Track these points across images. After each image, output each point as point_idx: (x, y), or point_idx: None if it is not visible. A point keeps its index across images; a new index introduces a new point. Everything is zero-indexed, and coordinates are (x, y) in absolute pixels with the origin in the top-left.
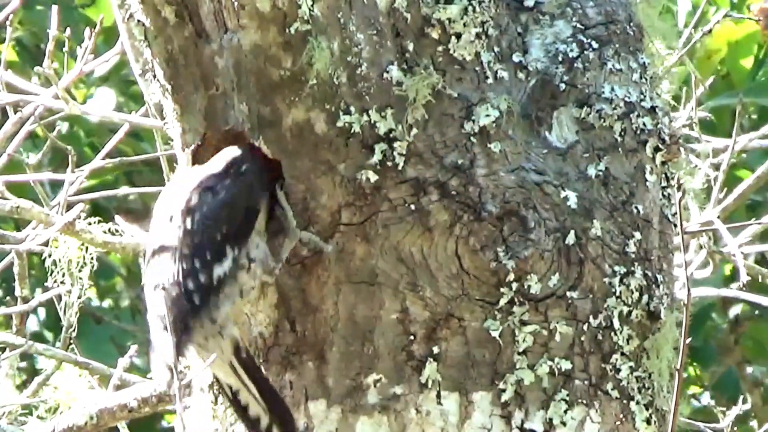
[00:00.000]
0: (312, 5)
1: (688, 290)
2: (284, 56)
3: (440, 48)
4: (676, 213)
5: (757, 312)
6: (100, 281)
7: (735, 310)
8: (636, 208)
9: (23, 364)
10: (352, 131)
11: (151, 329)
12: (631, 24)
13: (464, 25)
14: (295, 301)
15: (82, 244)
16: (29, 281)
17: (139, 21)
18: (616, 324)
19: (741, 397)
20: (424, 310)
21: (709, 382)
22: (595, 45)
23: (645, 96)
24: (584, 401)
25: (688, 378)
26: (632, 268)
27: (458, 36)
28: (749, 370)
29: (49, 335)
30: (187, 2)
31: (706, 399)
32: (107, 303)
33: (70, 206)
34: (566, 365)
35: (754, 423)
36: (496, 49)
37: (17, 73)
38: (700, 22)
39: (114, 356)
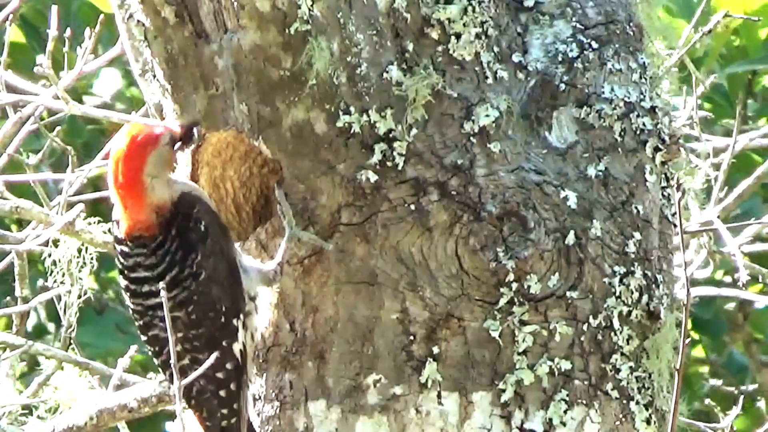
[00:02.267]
0: (312, 5)
1: (688, 290)
2: (284, 56)
3: (440, 48)
4: (676, 213)
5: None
6: (101, 273)
7: None
8: (636, 208)
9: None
10: (352, 131)
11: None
12: (631, 24)
13: (464, 25)
14: (295, 301)
15: (82, 244)
16: (28, 281)
17: (139, 21)
18: (616, 324)
19: (741, 397)
20: (424, 310)
21: (717, 363)
22: (595, 45)
23: (645, 96)
24: (584, 401)
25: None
26: (632, 268)
27: (458, 36)
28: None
29: (51, 327)
30: (187, 2)
31: (713, 381)
32: (108, 294)
33: (70, 206)
34: (566, 365)
35: (761, 404)
36: (496, 49)
37: (23, 55)
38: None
39: (119, 341)
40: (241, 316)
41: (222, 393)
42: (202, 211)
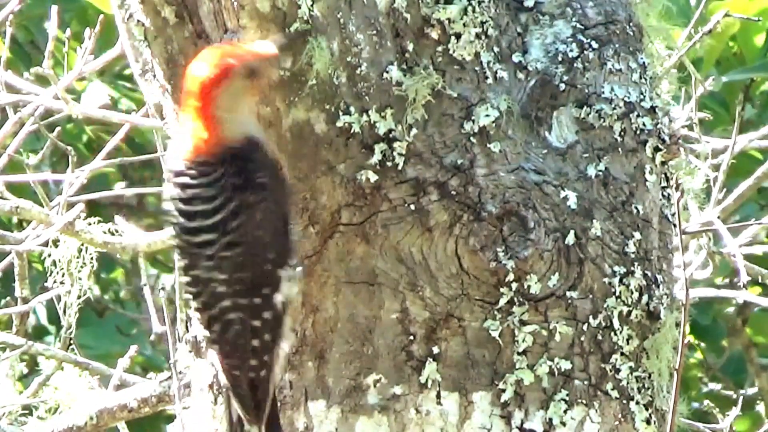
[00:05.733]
0: (312, 5)
1: (687, 290)
2: (284, 56)
3: (440, 48)
4: (675, 213)
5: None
6: (101, 274)
7: None
8: (636, 208)
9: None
10: (352, 131)
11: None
12: (631, 24)
13: (464, 25)
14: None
15: (82, 244)
16: (29, 280)
17: (139, 21)
18: (616, 324)
19: (741, 398)
20: (424, 310)
21: (716, 367)
22: (595, 45)
23: (645, 96)
24: (584, 401)
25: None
26: (632, 268)
27: (458, 36)
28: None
29: (51, 328)
30: (187, 2)
31: (712, 385)
32: (108, 296)
33: (70, 206)
34: (566, 365)
35: (760, 407)
36: (495, 49)
37: (10, 69)
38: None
39: (119, 343)
40: (287, 268)
41: (255, 342)
42: (265, 155)
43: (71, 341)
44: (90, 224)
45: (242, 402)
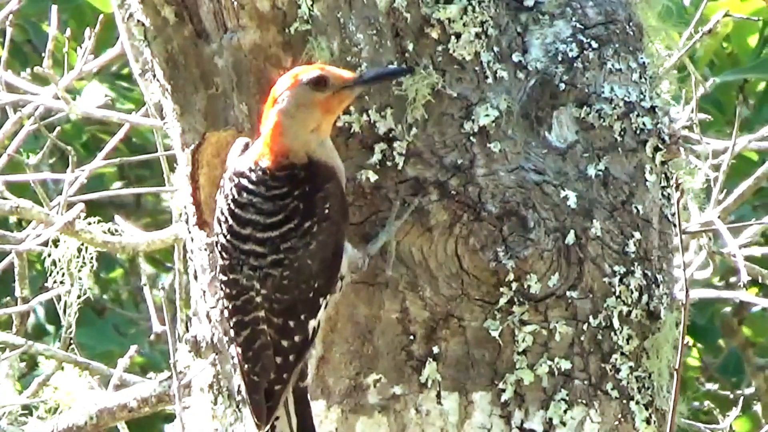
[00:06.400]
0: (312, 5)
1: (687, 290)
2: (284, 56)
3: (440, 48)
4: (675, 213)
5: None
6: (100, 273)
7: None
8: (636, 208)
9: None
10: (352, 131)
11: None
12: (631, 24)
13: (464, 24)
14: None
15: (82, 244)
16: (29, 280)
17: (138, 21)
18: (616, 324)
19: (741, 398)
20: (424, 310)
21: (712, 368)
22: (594, 45)
23: (645, 96)
24: (584, 401)
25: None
26: (632, 268)
27: (458, 36)
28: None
29: (51, 328)
30: (187, 2)
31: (709, 386)
32: (108, 295)
33: (70, 206)
34: (566, 365)
35: (757, 407)
36: (495, 48)
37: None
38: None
39: (117, 343)
40: (328, 296)
41: (279, 359)
42: (334, 187)
43: (71, 341)
44: (90, 224)
45: (255, 406)
